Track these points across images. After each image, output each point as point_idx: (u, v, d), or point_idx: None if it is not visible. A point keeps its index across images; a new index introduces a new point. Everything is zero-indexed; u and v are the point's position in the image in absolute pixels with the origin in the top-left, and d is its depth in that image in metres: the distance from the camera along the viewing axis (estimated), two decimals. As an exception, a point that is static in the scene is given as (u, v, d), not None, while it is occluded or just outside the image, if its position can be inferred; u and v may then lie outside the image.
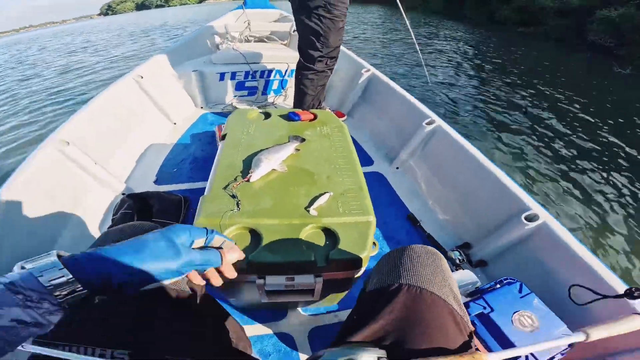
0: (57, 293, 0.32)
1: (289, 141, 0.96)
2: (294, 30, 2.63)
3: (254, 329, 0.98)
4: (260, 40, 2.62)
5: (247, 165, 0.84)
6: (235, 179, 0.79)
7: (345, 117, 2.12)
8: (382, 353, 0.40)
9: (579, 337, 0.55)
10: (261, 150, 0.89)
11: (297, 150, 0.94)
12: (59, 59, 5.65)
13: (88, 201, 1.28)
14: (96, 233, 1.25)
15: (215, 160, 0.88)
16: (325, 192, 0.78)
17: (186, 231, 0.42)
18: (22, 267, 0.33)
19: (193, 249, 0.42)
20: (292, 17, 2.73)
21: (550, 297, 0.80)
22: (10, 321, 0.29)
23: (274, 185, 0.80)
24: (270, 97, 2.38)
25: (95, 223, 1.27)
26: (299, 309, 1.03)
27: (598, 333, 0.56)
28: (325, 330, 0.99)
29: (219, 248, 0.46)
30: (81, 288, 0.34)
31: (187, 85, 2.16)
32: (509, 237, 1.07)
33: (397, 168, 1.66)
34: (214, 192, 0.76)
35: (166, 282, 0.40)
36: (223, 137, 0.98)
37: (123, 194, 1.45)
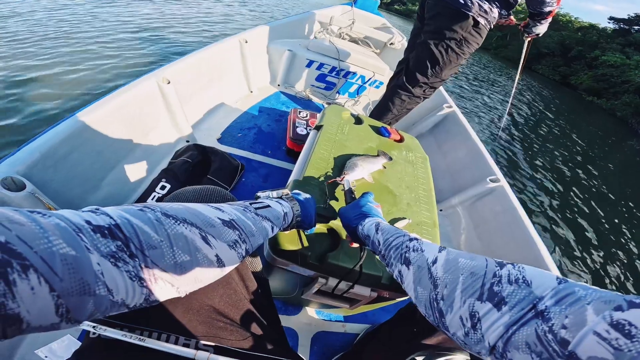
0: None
1: (378, 155, 0.94)
2: (390, 43, 2.60)
3: None
4: (353, 41, 2.61)
5: (338, 163, 0.83)
6: (326, 174, 0.78)
7: (405, 141, 2.07)
8: (468, 355, 0.51)
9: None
10: (355, 155, 0.87)
11: (384, 167, 0.91)
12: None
13: (155, 137, 1.31)
14: (149, 170, 1.26)
15: (307, 147, 0.87)
16: (404, 218, 0.78)
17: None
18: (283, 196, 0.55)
19: None
20: (394, 30, 2.73)
21: None
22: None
23: (359, 193, 0.78)
24: (343, 98, 2.36)
25: (152, 160, 1.29)
26: (314, 310, 1.01)
27: None
28: (330, 337, 0.97)
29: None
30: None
31: (275, 60, 2.19)
32: None
33: (441, 210, 1.61)
34: (305, 178, 0.76)
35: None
36: (317, 128, 0.96)
37: (187, 141, 1.48)
